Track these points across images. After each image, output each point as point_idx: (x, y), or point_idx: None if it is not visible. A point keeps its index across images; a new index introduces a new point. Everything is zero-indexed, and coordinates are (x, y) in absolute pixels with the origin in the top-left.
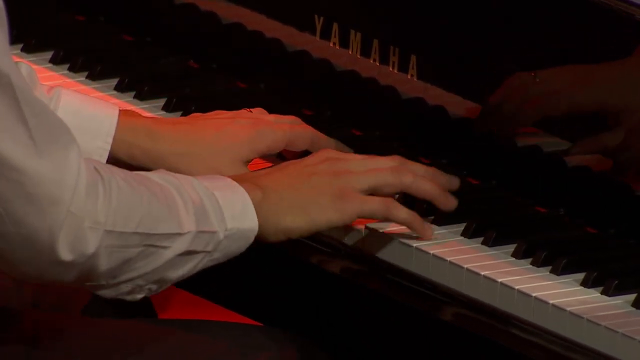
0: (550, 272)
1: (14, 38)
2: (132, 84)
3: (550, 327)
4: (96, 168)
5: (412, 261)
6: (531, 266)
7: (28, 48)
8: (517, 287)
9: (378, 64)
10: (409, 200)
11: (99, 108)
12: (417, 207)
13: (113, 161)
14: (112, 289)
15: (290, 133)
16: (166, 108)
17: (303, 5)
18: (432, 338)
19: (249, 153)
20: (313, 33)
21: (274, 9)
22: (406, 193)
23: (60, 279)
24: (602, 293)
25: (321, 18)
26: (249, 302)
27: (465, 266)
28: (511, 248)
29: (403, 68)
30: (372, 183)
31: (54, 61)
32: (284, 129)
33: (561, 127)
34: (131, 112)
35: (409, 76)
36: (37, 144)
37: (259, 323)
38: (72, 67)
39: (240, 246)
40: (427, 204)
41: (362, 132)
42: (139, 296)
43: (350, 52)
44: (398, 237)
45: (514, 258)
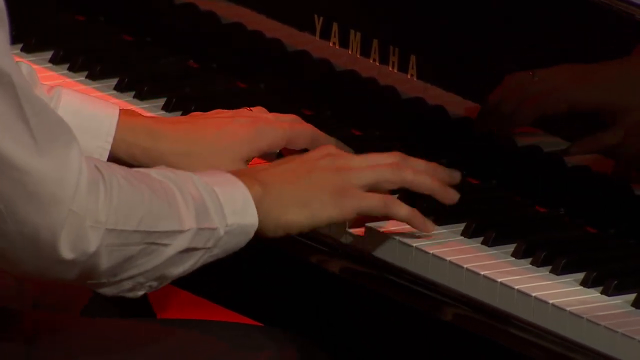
0: (550, 272)
1: (14, 38)
2: (132, 84)
3: (550, 327)
4: (97, 166)
5: (412, 261)
6: (531, 266)
7: (28, 48)
8: (517, 287)
9: (378, 64)
10: (409, 198)
11: (99, 107)
12: (417, 206)
13: (113, 161)
14: (113, 287)
15: (290, 131)
16: (166, 108)
17: (303, 5)
18: (432, 338)
19: (250, 151)
20: (313, 33)
21: (274, 9)
22: (406, 192)
23: (61, 278)
24: (602, 293)
25: (321, 18)
26: (249, 302)
27: (465, 266)
28: (511, 248)
29: (403, 68)
30: (372, 179)
31: (54, 61)
32: (284, 127)
33: (561, 127)
34: (131, 112)
35: (409, 76)
36: (38, 143)
37: (259, 323)
38: (72, 67)
39: (240, 242)
40: (427, 203)
41: (362, 132)
42: (140, 293)
43: (350, 52)
44: (398, 237)
45: (514, 258)
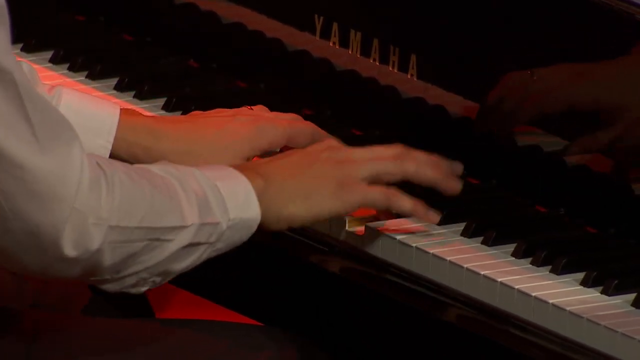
0: (550, 272)
1: (14, 38)
2: (132, 84)
3: (550, 327)
4: (99, 163)
5: (412, 261)
6: (531, 266)
7: (28, 48)
8: (517, 287)
9: (378, 64)
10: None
11: (100, 107)
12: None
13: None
14: (117, 283)
15: (290, 129)
16: (166, 108)
17: (303, 5)
18: (432, 337)
19: (250, 150)
20: (313, 33)
21: (274, 9)
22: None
23: (64, 275)
24: (602, 293)
25: (321, 18)
26: (249, 302)
27: (465, 266)
28: (511, 248)
29: (403, 68)
30: (374, 171)
31: (54, 61)
32: (284, 125)
33: (561, 127)
34: (132, 111)
35: (409, 76)
36: (40, 141)
37: (259, 323)
38: (72, 67)
39: (242, 236)
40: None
41: (362, 132)
42: (143, 289)
43: (350, 52)
44: (398, 237)
45: (514, 258)
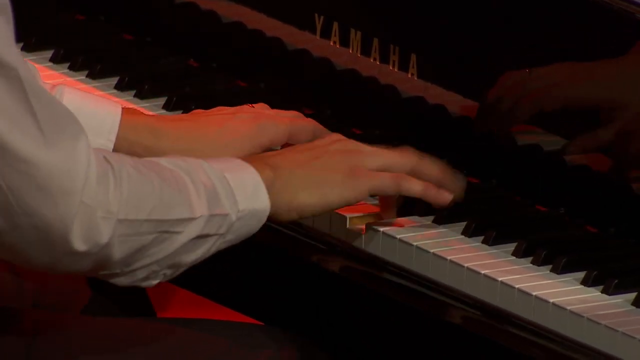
0: (550, 271)
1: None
2: (132, 83)
3: (550, 326)
4: (106, 157)
5: (413, 260)
6: (531, 265)
7: (28, 47)
8: (518, 286)
9: (378, 63)
10: (409, 199)
11: (102, 106)
12: (417, 207)
13: None
14: (127, 277)
15: (291, 126)
16: (166, 107)
17: (303, 4)
18: (432, 337)
19: (251, 148)
20: (313, 32)
21: (274, 8)
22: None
23: (74, 269)
24: (603, 292)
25: (321, 17)
26: (250, 301)
27: (465, 265)
28: (511, 247)
29: (403, 67)
30: (383, 162)
31: (54, 60)
32: (285, 123)
33: (562, 126)
34: (133, 110)
35: (409, 75)
36: (46, 135)
37: (260, 322)
38: (73, 66)
39: (253, 227)
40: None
41: (363, 131)
42: (154, 282)
43: (350, 51)
44: (398, 236)
45: (514, 257)
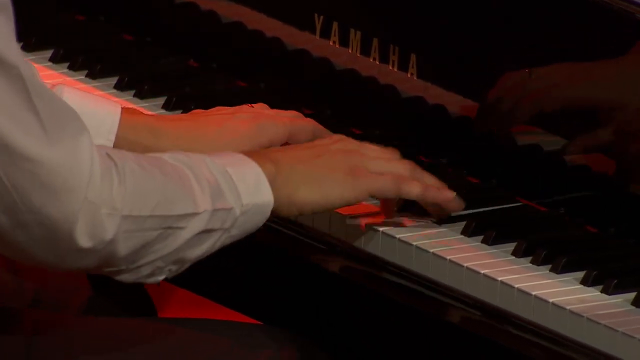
0: (550, 271)
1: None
2: (132, 83)
3: (550, 326)
4: (109, 154)
5: (412, 260)
6: (531, 265)
7: (28, 47)
8: (517, 286)
9: (378, 63)
10: (409, 201)
11: (101, 106)
12: (417, 207)
13: None
14: (132, 273)
15: (291, 126)
16: (166, 107)
17: (303, 4)
18: (432, 337)
19: (251, 147)
20: (313, 32)
21: (274, 8)
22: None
23: (79, 266)
24: (602, 292)
25: (321, 17)
26: (250, 301)
27: (465, 265)
28: (511, 247)
29: (403, 67)
30: (382, 165)
31: (54, 60)
32: (285, 123)
33: (562, 126)
34: (133, 110)
35: (409, 75)
36: (49, 133)
37: (260, 322)
38: (72, 66)
39: (257, 221)
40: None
41: (362, 131)
42: (160, 278)
43: (350, 51)
44: (398, 236)
45: (514, 257)
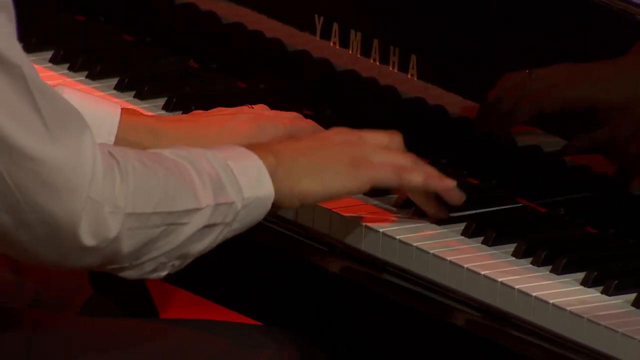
0: (550, 272)
1: None
2: (132, 84)
3: (550, 327)
4: (110, 152)
5: (412, 261)
6: (531, 266)
7: (28, 47)
8: (517, 287)
9: (378, 64)
10: (409, 201)
11: (101, 106)
12: (416, 208)
13: None
14: (136, 270)
15: (291, 127)
16: (166, 108)
17: (303, 5)
18: (432, 337)
19: None
20: (313, 33)
21: (274, 9)
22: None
23: (83, 265)
24: (602, 292)
25: (321, 18)
26: (249, 302)
27: (465, 266)
28: (511, 247)
29: (403, 68)
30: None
31: (54, 61)
32: (285, 123)
33: (561, 127)
34: (133, 111)
35: (409, 76)
36: (51, 132)
37: (259, 323)
38: (72, 67)
39: (258, 214)
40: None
41: None
42: (163, 273)
43: (350, 52)
44: (398, 237)
45: (514, 257)
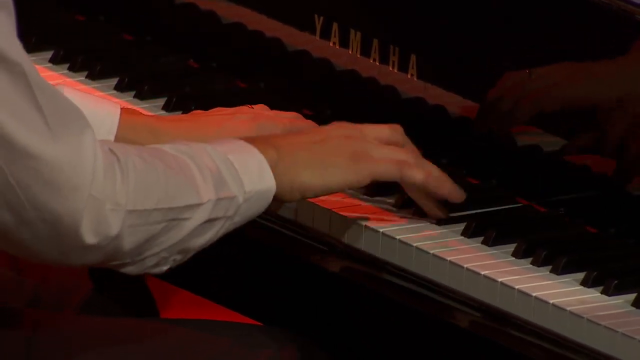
0: (550, 272)
1: None
2: (132, 84)
3: (550, 327)
4: (111, 149)
5: (412, 261)
6: (531, 266)
7: (28, 47)
8: (517, 287)
9: (378, 64)
10: (409, 201)
11: (101, 106)
12: (416, 208)
13: None
14: (137, 265)
15: (291, 127)
16: (166, 107)
17: (303, 4)
18: (432, 337)
19: None
20: (313, 33)
21: (274, 9)
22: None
23: (84, 262)
24: (602, 293)
25: (321, 18)
26: (249, 302)
27: (465, 266)
28: (511, 247)
29: (403, 67)
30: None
31: (54, 60)
32: (285, 123)
33: (561, 126)
34: (132, 110)
35: (409, 76)
36: (52, 130)
37: (259, 323)
38: (72, 67)
39: (259, 207)
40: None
41: None
42: (164, 268)
43: (350, 52)
44: (398, 237)
45: (514, 257)
